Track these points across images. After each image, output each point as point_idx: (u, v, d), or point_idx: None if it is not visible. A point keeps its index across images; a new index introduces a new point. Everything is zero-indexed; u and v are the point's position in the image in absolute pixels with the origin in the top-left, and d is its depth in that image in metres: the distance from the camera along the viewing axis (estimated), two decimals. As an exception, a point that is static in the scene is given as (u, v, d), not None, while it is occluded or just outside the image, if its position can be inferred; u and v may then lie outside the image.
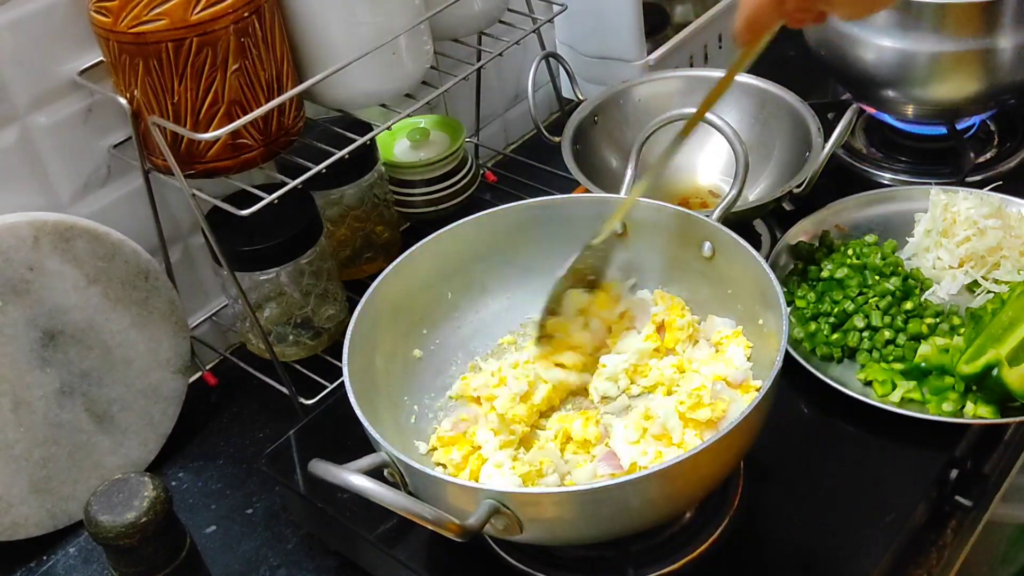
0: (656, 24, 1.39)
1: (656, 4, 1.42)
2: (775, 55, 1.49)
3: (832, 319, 1.00)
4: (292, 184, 0.94)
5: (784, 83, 1.18)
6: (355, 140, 1.00)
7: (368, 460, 0.76)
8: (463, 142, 1.24)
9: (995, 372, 0.89)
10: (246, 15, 0.89)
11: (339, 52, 0.96)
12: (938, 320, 0.99)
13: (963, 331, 0.97)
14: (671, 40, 1.36)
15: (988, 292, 1.02)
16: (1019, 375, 0.90)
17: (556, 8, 1.19)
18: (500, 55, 1.11)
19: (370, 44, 0.96)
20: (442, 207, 1.24)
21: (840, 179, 1.22)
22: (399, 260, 0.92)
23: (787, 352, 0.84)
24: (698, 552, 0.84)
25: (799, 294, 1.04)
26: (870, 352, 0.98)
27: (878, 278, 1.01)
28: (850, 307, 0.99)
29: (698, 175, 1.24)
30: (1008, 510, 1.20)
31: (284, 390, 1.04)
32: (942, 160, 1.24)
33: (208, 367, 1.13)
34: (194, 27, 0.87)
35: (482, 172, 1.34)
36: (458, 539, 0.71)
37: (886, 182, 1.24)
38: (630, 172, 0.99)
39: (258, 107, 0.93)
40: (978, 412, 0.91)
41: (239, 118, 0.91)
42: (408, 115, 1.04)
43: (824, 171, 1.08)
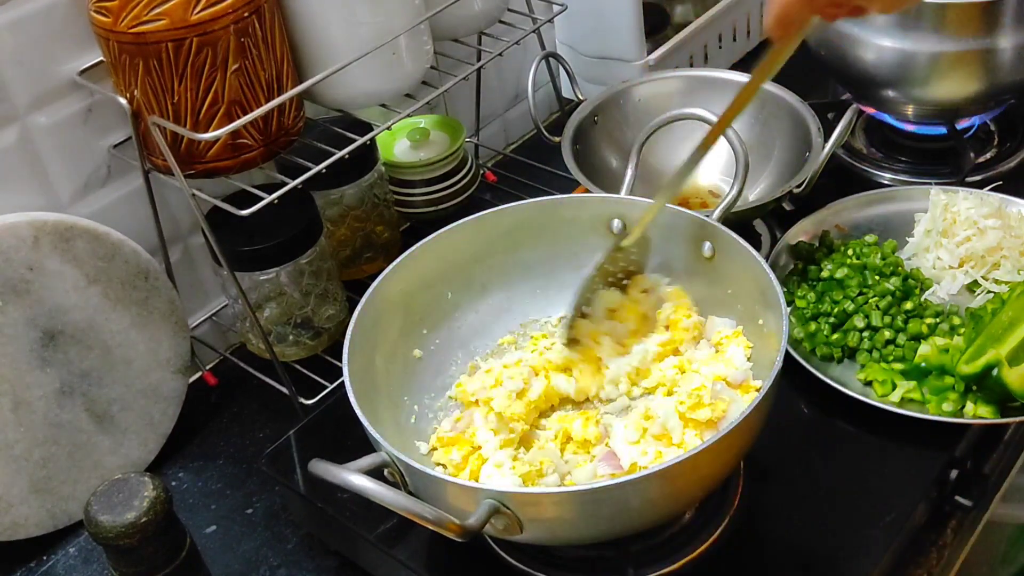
0: (656, 24, 1.39)
1: (656, 4, 1.42)
2: (775, 55, 1.51)
3: (832, 319, 1.00)
4: (292, 184, 0.94)
5: (784, 83, 1.18)
6: (355, 140, 1.00)
7: (368, 460, 0.76)
8: (463, 142, 1.24)
9: (995, 372, 0.89)
10: (246, 15, 0.89)
11: (339, 52, 0.96)
12: (938, 320, 0.99)
13: (963, 331, 0.97)
14: (671, 40, 1.36)
15: (988, 292, 1.02)
16: (1019, 375, 0.90)
17: (556, 8, 1.19)
18: (500, 55, 1.11)
19: (370, 44, 0.96)
20: (442, 207, 1.24)
21: (840, 179, 1.22)
22: (399, 260, 0.92)
23: (787, 352, 0.84)
24: (698, 552, 0.84)
25: (799, 294, 1.03)
26: (870, 352, 0.98)
27: (878, 278, 1.01)
28: (850, 307, 0.99)
29: (698, 175, 1.23)
30: (1008, 510, 1.20)
31: (284, 390, 1.04)
32: (942, 160, 1.24)
33: (208, 367, 1.13)
34: (194, 27, 0.87)
35: (482, 172, 1.34)
36: (458, 539, 0.71)
37: (886, 182, 1.23)
38: (630, 172, 0.99)
39: (258, 107, 0.93)
40: (978, 412, 0.91)
41: (239, 118, 0.91)
42: (408, 115, 1.04)
43: (824, 171, 1.08)
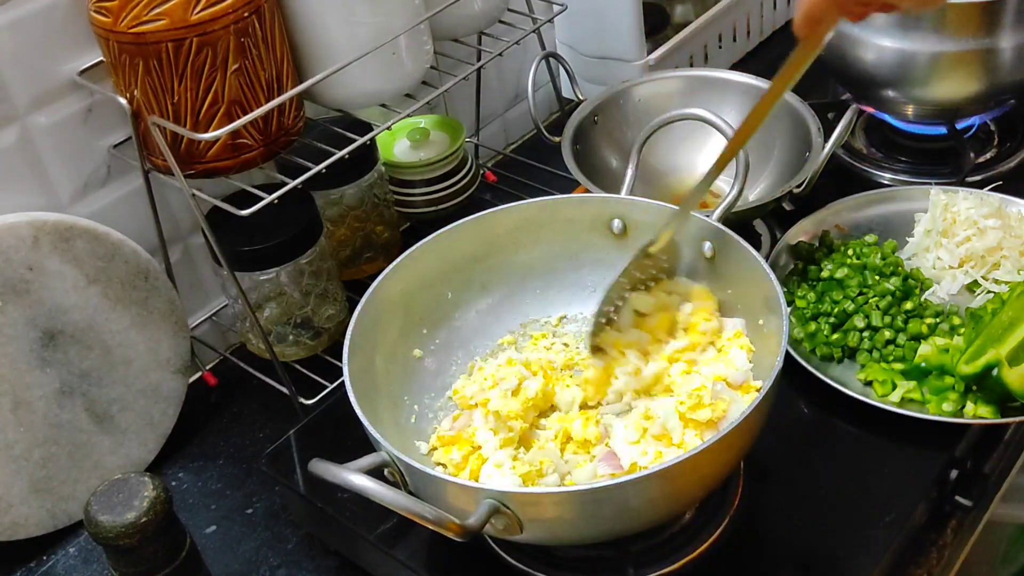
0: (656, 24, 1.39)
1: (656, 4, 1.42)
2: (775, 55, 1.51)
3: (832, 319, 1.00)
4: (292, 184, 0.94)
5: (784, 83, 1.18)
6: (355, 140, 1.00)
7: (368, 460, 0.76)
8: (463, 142, 1.24)
9: (995, 372, 0.89)
10: (246, 15, 0.89)
11: (339, 52, 0.96)
12: (938, 320, 0.99)
13: (963, 331, 0.97)
14: (671, 40, 1.36)
15: (988, 292, 1.02)
16: (1019, 375, 0.90)
17: (556, 8, 1.19)
18: (500, 55, 1.11)
19: (370, 44, 0.96)
20: (442, 207, 1.24)
21: (840, 179, 1.22)
22: (399, 260, 0.92)
23: (787, 352, 0.84)
24: (698, 552, 0.84)
25: (799, 294, 1.03)
26: (870, 352, 0.98)
27: (878, 278, 1.01)
28: (850, 307, 0.99)
29: (698, 175, 1.22)
30: (1008, 510, 1.20)
31: (284, 390, 1.04)
32: (942, 160, 1.24)
33: (208, 367, 1.13)
34: (194, 27, 0.87)
35: (482, 172, 1.34)
36: (458, 539, 0.71)
37: (886, 182, 1.23)
38: (630, 172, 0.99)
39: (258, 107, 0.93)
40: (978, 412, 0.91)
41: (239, 118, 0.91)
42: (408, 115, 1.04)
43: (824, 171, 1.08)
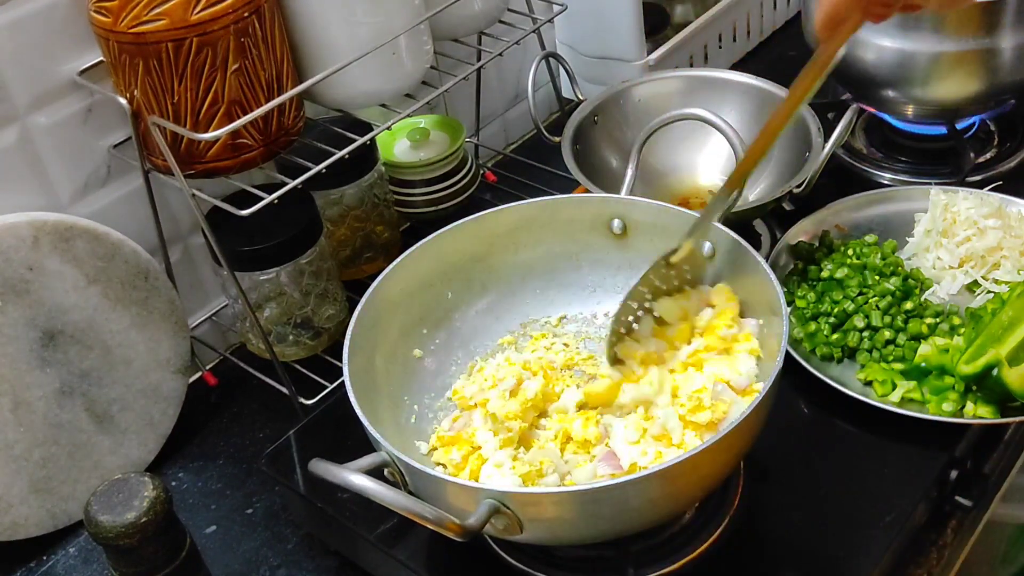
0: (656, 24, 1.39)
1: (656, 4, 1.42)
2: (775, 55, 1.51)
3: (832, 319, 1.00)
4: (292, 184, 0.94)
5: (784, 83, 1.18)
6: (355, 140, 1.00)
7: (368, 460, 0.76)
8: (463, 142, 1.24)
9: (995, 372, 0.89)
10: (246, 15, 0.89)
11: (339, 52, 0.96)
12: (938, 320, 0.99)
13: (963, 331, 0.97)
14: (671, 40, 1.36)
15: (988, 292, 1.02)
16: (1019, 375, 0.89)
17: (556, 8, 1.19)
18: (500, 55, 1.11)
19: (370, 44, 0.96)
20: (442, 207, 1.24)
21: (840, 179, 1.22)
22: (399, 260, 0.91)
23: (787, 352, 0.84)
24: (698, 552, 0.84)
25: (799, 294, 1.03)
26: (870, 352, 0.98)
27: (878, 278, 1.01)
28: (850, 307, 0.99)
29: (698, 175, 1.23)
30: (1008, 510, 1.20)
31: (284, 390, 1.04)
32: (942, 160, 1.24)
33: (208, 367, 1.13)
34: (194, 27, 0.87)
35: (482, 172, 1.34)
36: (458, 539, 0.71)
37: (886, 182, 1.23)
38: (630, 172, 0.99)
39: (258, 107, 0.93)
40: (978, 412, 0.91)
41: (239, 118, 0.91)
42: (408, 115, 1.04)
43: (824, 171, 1.08)
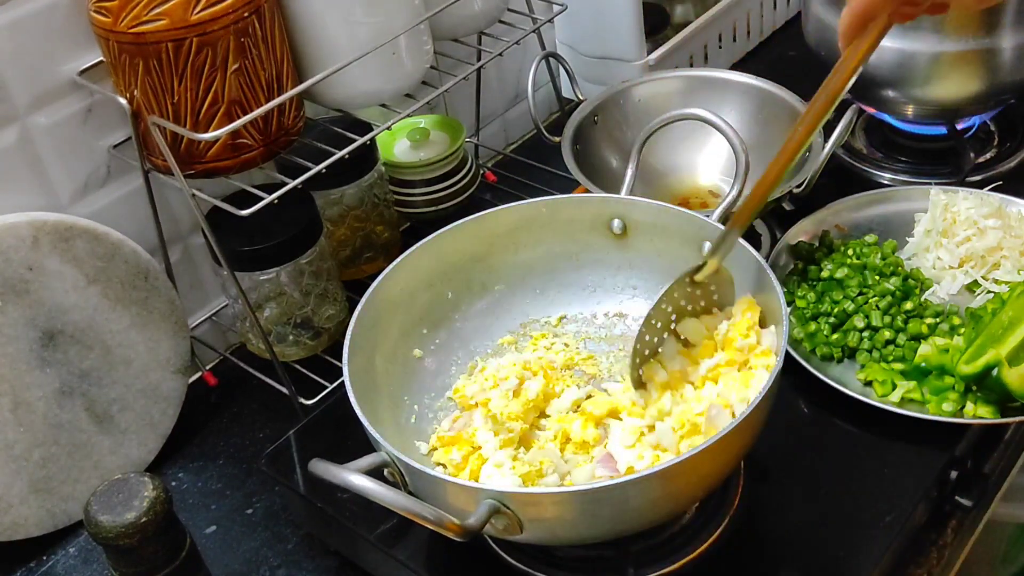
0: (656, 24, 1.39)
1: (656, 4, 1.42)
2: (775, 55, 1.51)
3: (832, 319, 1.00)
4: (292, 184, 0.94)
5: (784, 83, 1.18)
6: (355, 140, 0.99)
7: (368, 460, 0.76)
8: (463, 142, 1.24)
9: (995, 372, 0.89)
10: (246, 15, 0.89)
11: (339, 52, 0.96)
12: (938, 320, 0.99)
13: (963, 331, 0.97)
14: (671, 40, 1.36)
15: (988, 292, 1.02)
16: (1019, 375, 0.89)
17: (556, 8, 1.19)
18: (500, 55, 1.11)
19: (370, 44, 0.96)
20: (442, 207, 1.24)
21: (840, 179, 1.22)
22: (399, 260, 0.92)
23: (787, 352, 0.84)
24: (698, 552, 0.84)
25: (799, 294, 1.03)
26: (870, 352, 0.98)
27: (878, 278, 1.01)
28: (850, 307, 0.99)
29: (698, 175, 1.23)
30: (1008, 510, 1.20)
31: (284, 390, 1.04)
32: (942, 160, 1.24)
33: (208, 367, 1.13)
34: (194, 27, 0.87)
35: (482, 172, 1.34)
36: (458, 539, 0.71)
37: (886, 182, 1.23)
38: (630, 172, 0.99)
39: (258, 107, 0.93)
40: (978, 412, 0.91)
41: (239, 118, 0.91)
42: (408, 115, 1.04)
43: (824, 171, 1.08)
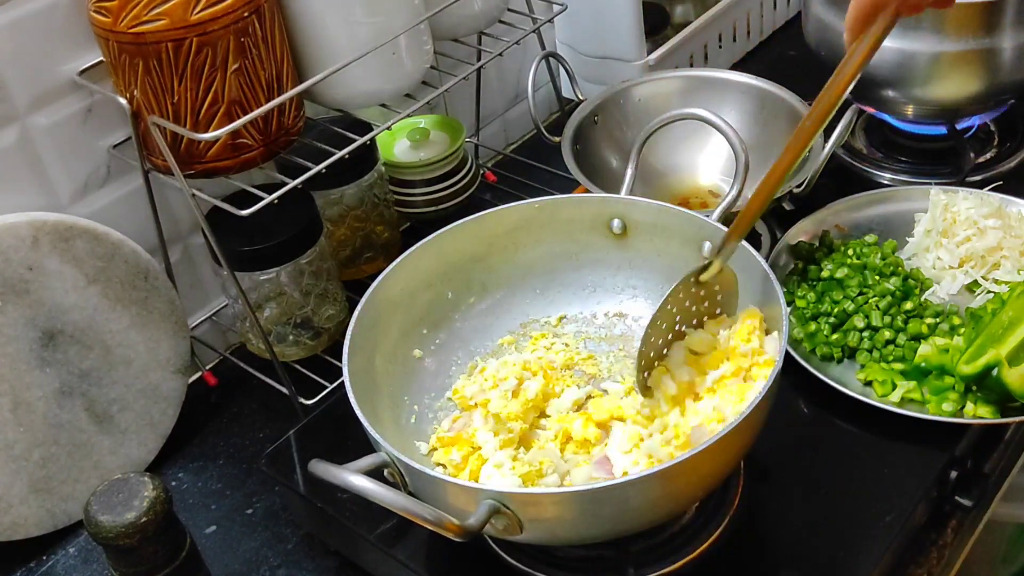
0: (656, 24, 1.39)
1: (656, 4, 1.42)
2: (775, 55, 1.51)
3: (832, 319, 1.00)
4: (292, 184, 0.94)
5: (784, 83, 1.18)
6: (355, 140, 0.99)
7: (368, 460, 0.76)
8: (463, 142, 1.24)
9: (995, 372, 0.89)
10: (246, 15, 0.89)
11: (339, 52, 0.96)
12: (938, 320, 0.99)
13: (963, 331, 0.97)
14: (671, 40, 1.36)
15: (988, 292, 1.02)
16: (1019, 375, 0.89)
17: (556, 8, 1.19)
18: (500, 55, 1.11)
19: (370, 44, 0.96)
20: (442, 207, 1.24)
21: (840, 179, 1.22)
22: (399, 260, 0.92)
23: (787, 352, 0.84)
24: (698, 552, 0.84)
25: (799, 294, 1.03)
26: (870, 352, 0.98)
27: (878, 278, 1.01)
28: (850, 307, 0.99)
29: (698, 175, 1.24)
30: (1008, 509, 1.20)
31: (284, 390, 1.04)
32: (942, 160, 1.24)
33: (208, 367, 1.13)
34: (194, 27, 0.87)
35: (482, 172, 1.34)
36: (458, 539, 0.71)
37: (886, 182, 1.23)
38: (630, 172, 0.99)
39: (258, 107, 0.92)
40: (978, 412, 0.91)
41: (239, 118, 0.91)
42: (408, 115, 1.04)
43: (824, 171, 1.08)
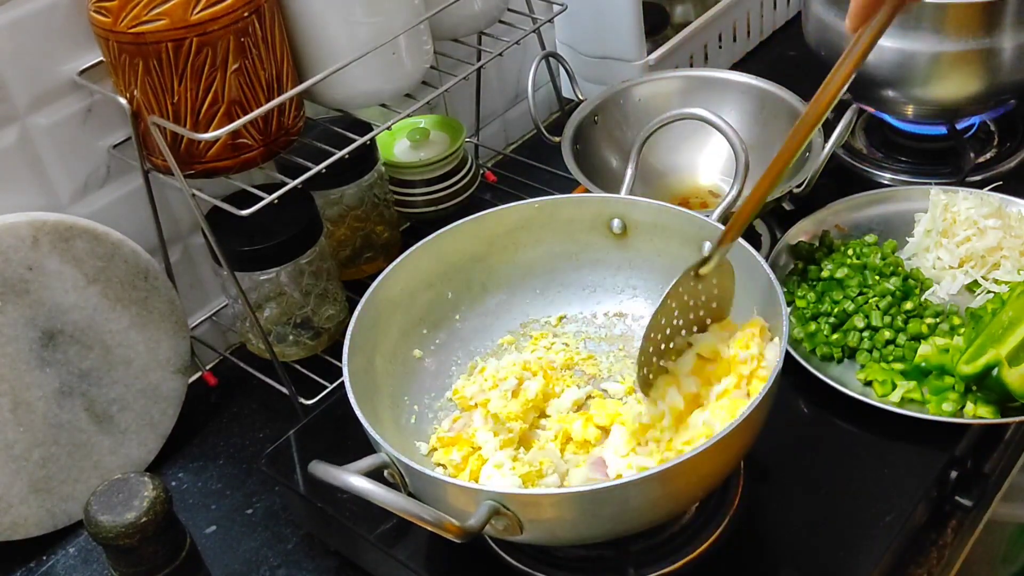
0: (656, 24, 1.39)
1: (656, 4, 1.42)
2: (775, 55, 1.51)
3: (832, 319, 1.00)
4: (292, 184, 0.94)
5: (784, 83, 1.18)
6: (355, 140, 0.99)
7: (368, 461, 0.76)
8: (463, 142, 1.24)
9: (995, 372, 0.89)
10: (246, 15, 0.89)
11: (339, 52, 0.96)
12: (938, 320, 0.99)
13: (963, 331, 0.97)
14: (671, 40, 1.36)
15: (988, 292, 1.02)
16: (1019, 375, 0.89)
17: (556, 8, 1.19)
18: (500, 55, 1.11)
19: (370, 44, 0.95)
20: (442, 207, 1.24)
21: (840, 179, 1.22)
22: (399, 260, 0.92)
23: (787, 352, 0.84)
24: (698, 552, 0.84)
25: (799, 294, 1.03)
26: (870, 352, 0.98)
27: (878, 278, 1.01)
28: (850, 307, 0.99)
29: (698, 175, 1.23)
30: (1008, 509, 1.20)
31: (284, 390, 1.04)
32: (942, 160, 1.24)
33: (208, 367, 1.13)
34: (194, 27, 0.87)
35: (482, 172, 1.34)
36: (458, 540, 0.71)
37: (886, 182, 1.23)
38: (630, 172, 0.99)
39: (258, 107, 0.92)
40: (978, 412, 0.91)
41: (239, 118, 0.91)
42: (408, 115, 1.04)
43: (824, 171, 1.08)
